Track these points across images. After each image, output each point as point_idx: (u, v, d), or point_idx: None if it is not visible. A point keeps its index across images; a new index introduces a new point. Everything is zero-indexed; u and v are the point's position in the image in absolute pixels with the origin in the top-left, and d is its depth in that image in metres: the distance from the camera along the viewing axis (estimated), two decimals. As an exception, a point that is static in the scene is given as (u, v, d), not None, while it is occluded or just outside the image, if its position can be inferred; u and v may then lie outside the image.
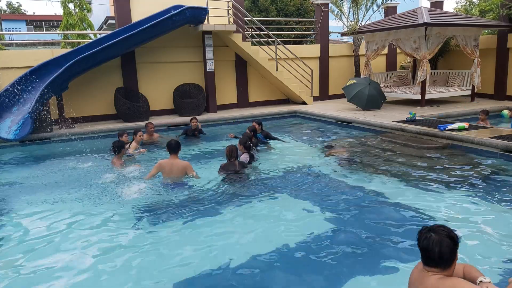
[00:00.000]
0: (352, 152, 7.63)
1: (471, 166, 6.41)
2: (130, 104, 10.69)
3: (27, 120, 8.60)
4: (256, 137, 7.89)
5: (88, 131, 9.79)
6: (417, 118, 9.23)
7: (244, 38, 12.43)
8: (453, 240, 2.41)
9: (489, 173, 6.10)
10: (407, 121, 9.09)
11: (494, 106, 11.14)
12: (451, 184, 5.61)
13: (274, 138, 8.49)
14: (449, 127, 7.92)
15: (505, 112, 10.29)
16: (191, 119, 9.49)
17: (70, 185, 6.02)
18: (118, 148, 6.50)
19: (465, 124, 8.02)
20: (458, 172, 6.12)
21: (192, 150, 8.32)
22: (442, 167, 6.39)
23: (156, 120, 10.82)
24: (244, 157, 6.56)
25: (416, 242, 2.51)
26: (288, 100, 13.88)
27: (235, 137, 8.56)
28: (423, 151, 7.38)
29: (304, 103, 13.20)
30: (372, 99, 11.23)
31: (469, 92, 12.28)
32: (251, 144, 6.96)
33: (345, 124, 10.38)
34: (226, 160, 6.19)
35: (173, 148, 5.87)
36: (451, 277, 2.43)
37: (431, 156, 7.07)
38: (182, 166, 5.91)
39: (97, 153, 7.81)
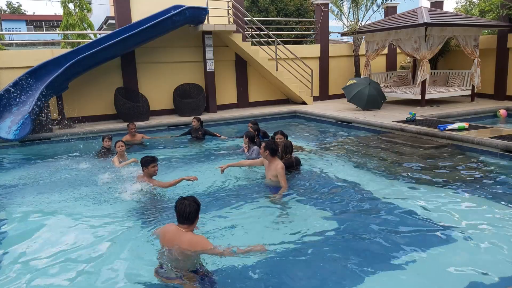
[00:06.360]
0: (317, 150, 7.75)
1: (471, 166, 6.41)
2: (130, 104, 10.69)
3: (27, 120, 8.60)
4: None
5: (88, 131, 9.78)
6: (417, 118, 9.23)
7: (244, 38, 12.43)
8: (197, 204, 3.41)
9: (489, 173, 6.10)
10: (407, 121, 9.10)
11: (494, 106, 11.15)
12: (450, 184, 5.61)
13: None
14: (449, 127, 7.92)
15: (498, 112, 10.35)
16: (193, 119, 9.25)
17: (70, 185, 6.02)
18: (146, 164, 5.45)
19: (465, 124, 8.03)
20: (457, 172, 6.12)
21: (199, 150, 8.33)
22: (441, 167, 6.38)
23: (156, 120, 10.86)
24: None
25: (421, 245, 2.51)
26: (288, 100, 13.87)
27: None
28: (422, 150, 7.38)
29: (304, 103, 13.20)
30: (372, 99, 11.23)
31: (469, 92, 12.28)
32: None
33: (345, 124, 10.39)
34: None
35: (276, 150, 5.55)
36: (198, 234, 3.46)
37: (431, 156, 7.06)
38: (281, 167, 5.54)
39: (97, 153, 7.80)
